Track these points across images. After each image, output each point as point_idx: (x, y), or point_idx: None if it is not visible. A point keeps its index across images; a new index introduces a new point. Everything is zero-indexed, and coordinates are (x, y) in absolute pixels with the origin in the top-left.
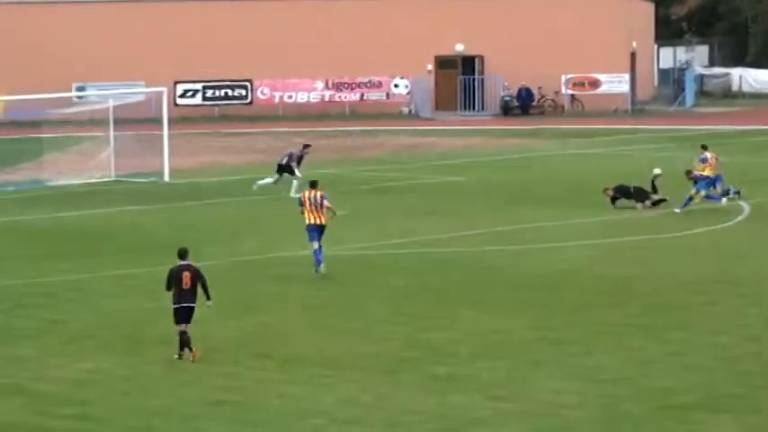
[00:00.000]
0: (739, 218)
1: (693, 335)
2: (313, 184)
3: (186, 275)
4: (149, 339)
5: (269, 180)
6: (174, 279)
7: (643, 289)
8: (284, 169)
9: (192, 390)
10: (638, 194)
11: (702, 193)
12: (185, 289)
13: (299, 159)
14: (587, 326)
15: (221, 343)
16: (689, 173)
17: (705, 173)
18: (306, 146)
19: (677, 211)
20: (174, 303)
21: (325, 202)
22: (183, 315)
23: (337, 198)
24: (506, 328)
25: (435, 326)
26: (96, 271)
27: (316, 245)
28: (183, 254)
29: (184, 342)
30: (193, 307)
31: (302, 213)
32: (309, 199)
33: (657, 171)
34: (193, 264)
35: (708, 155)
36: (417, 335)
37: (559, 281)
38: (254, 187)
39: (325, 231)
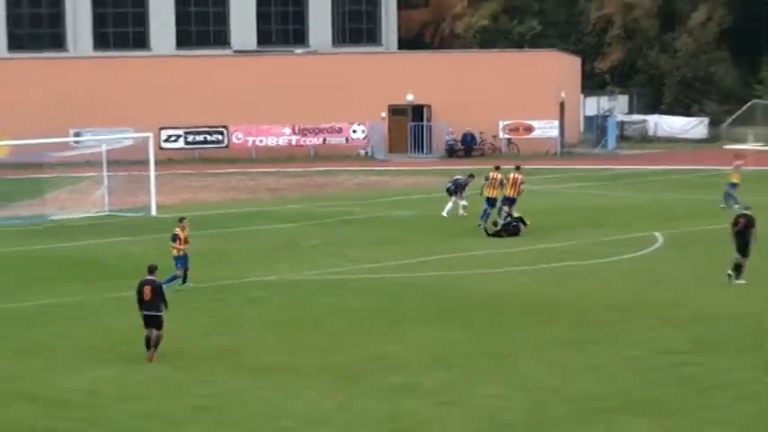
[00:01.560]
0: (656, 245)
1: (611, 348)
2: (181, 220)
3: (147, 288)
4: (140, 353)
5: (463, 203)
6: (139, 290)
7: (569, 309)
8: (452, 193)
9: (178, 397)
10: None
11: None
12: (146, 300)
13: (464, 187)
14: (521, 341)
15: (202, 355)
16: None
17: (487, 193)
18: (470, 176)
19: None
20: (141, 310)
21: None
22: (148, 321)
23: (306, 230)
24: (452, 342)
25: (390, 340)
26: (95, 293)
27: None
28: (151, 269)
29: (155, 343)
30: (158, 315)
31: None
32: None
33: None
34: (157, 280)
35: (491, 175)
36: (374, 348)
37: (498, 302)
38: (463, 213)
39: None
